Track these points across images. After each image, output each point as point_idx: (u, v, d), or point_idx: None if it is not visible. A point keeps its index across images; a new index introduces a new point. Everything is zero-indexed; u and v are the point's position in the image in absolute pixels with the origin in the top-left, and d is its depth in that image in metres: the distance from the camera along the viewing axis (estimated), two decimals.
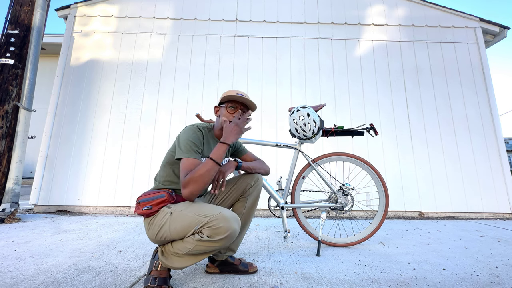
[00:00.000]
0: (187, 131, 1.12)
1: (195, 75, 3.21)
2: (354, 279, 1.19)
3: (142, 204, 1.07)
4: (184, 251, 0.97)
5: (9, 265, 1.27)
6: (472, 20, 3.44)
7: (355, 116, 3.14)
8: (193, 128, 1.14)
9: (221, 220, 0.93)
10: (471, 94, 3.22)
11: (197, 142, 1.09)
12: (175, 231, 0.98)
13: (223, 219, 0.93)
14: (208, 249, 0.96)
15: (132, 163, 2.94)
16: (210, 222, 0.93)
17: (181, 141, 1.08)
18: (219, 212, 0.95)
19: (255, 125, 3.08)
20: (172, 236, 0.99)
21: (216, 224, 0.92)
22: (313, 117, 1.61)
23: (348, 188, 1.68)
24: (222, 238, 0.93)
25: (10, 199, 2.39)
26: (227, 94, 1.21)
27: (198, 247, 0.95)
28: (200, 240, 0.93)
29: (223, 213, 0.95)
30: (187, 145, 1.06)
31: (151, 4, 3.38)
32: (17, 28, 2.57)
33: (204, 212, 0.96)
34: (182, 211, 1.01)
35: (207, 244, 0.94)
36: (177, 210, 1.02)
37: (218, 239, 0.92)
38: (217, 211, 0.96)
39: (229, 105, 1.19)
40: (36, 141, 5.84)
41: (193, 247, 0.95)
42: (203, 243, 0.94)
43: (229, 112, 1.18)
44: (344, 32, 3.39)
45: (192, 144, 1.07)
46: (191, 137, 1.09)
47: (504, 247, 1.72)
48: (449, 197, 2.93)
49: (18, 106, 2.52)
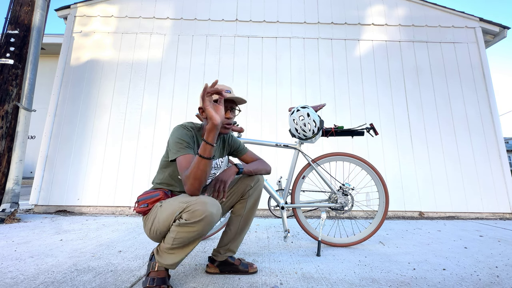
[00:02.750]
0: (174, 131, 1.13)
1: (195, 75, 3.21)
2: (354, 279, 1.19)
3: (140, 202, 1.10)
4: (170, 242, 0.98)
5: (9, 265, 1.27)
6: (472, 20, 3.44)
7: (355, 116, 3.14)
8: (179, 128, 1.14)
9: (198, 204, 0.94)
10: (471, 94, 3.22)
11: (186, 138, 1.09)
12: (162, 221, 1.00)
13: (200, 203, 0.94)
14: (189, 235, 0.95)
15: (132, 163, 2.94)
16: (188, 207, 0.94)
17: (170, 143, 1.09)
18: (197, 197, 0.97)
19: (255, 125, 3.08)
20: (161, 227, 1.01)
21: (193, 207, 0.93)
22: (313, 117, 1.61)
23: (348, 188, 1.68)
24: (199, 220, 0.92)
25: (10, 199, 2.39)
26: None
27: (180, 234, 0.96)
28: (179, 225, 0.95)
29: (201, 198, 0.96)
30: (177, 144, 1.07)
31: (151, 4, 3.38)
32: (17, 28, 2.57)
33: (186, 199, 0.98)
34: (169, 201, 1.04)
35: (186, 229, 0.94)
36: (166, 202, 1.05)
37: (194, 221, 0.92)
38: (196, 197, 0.98)
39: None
40: (36, 141, 5.84)
41: (175, 235, 0.96)
42: (182, 228, 0.95)
43: None
44: (344, 32, 3.39)
45: (181, 141, 1.07)
46: (179, 135, 1.09)
47: (504, 247, 1.72)
48: (449, 197, 2.93)
49: (18, 106, 2.52)
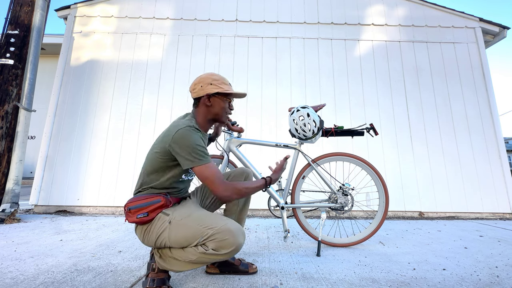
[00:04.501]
0: (190, 134, 1.00)
1: (195, 75, 3.21)
2: (354, 279, 1.18)
3: (134, 211, 0.98)
4: (184, 259, 0.95)
5: (9, 266, 1.27)
6: (472, 20, 3.44)
7: (355, 116, 3.14)
8: (193, 130, 1.02)
9: (227, 233, 0.90)
10: (471, 94, 3.22)
11: (202, 143, 1.04)
12: (175, 241, 0.95)
13: (229, 232, 0.90)
14: (211, 261, 0.94)
15: (132, 163, 2.94)
16: (215, 235, 0.90)
17: (189, 147, 0.97)
18: (224, 224, 0.93)
19: (255, 125, 3.08)
20: (171, 244, 0.97)
21: (221, 237, 0.90)
22: (313, 117, 1.61)
23: (348, 188, 1.68)
24: (228, 252, 0.91)
25: (10, 199, 2.39)
26: (223, 84, 1.13)
27: (201, 259, 0.93)
28: (205, 253, 0.91)
29: (229, 226, 0.92)
30: (200, 151, 0.99)
31: (151, 4, 3.38)
32: (17, 28, 2.57)
33: (208, 223, 0.93)
34: (182, 219, 0.97)
35: (212, 257, 0.92)
36: (177, 219, 0.97)
37: (224, 253, 0.91)
38: (221, 222, 0.94)
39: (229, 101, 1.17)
40: (36, 141, 5.85)
41: (196, 259, 0.93)
42: (207, 255, 0.92)
43: (230, 108, 1.20)
44: (344, 32, 3.39)
45: (203, 149, 1.02)
46: (197, 141, 1.00)
47: (504, 247, 1.72)
48: (449, 197, 2.93)
49: (18, 106, 2.52)
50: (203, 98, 1.12)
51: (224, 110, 1.16)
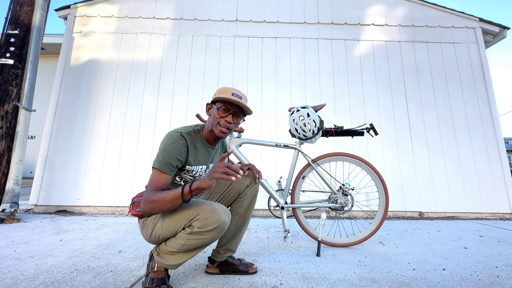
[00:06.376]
0: (168, 138, 1.03)
1: (195, 75, 3.21)
2: (354, 279, 1.19)
3: (136, 205, 1.07)
4: (177, 247, 0.98)
5: (9, 265, 1.27)
6: (471, 20, 3.44)
7: (355, 116, 3.14)
8: (175, 136, 1.04)
9: (210, 212, 0.94)
10: (471, 94, 3.22)
11: (175, 154, 1.01)
12: (167, 228, 0.99)
13: (213, 211, 0.95)
14: (200, 242, 0.97)
15: (132, 163, 2.94)
16: (200, 214, 0.94)
17: (160, 148, 1.03)
18: (209, 204, 0.97)
19: (255, 125, 3.08)
20: (164, 233, 1.00)
21: (205, 216, 0.94)
22: (313, 117, 1.61)
23: (348, 188, 1.68)
24: (212, 228, 0.94)
25: (10, 199, 2.39)
26: (222, 92, 1.08)
27: (190, 241, 0.96)
28: (191, 232, 0.95)
29: (212, 206, 0.97)
30: (164, 156, 1.00)
31: (151, 4, 3.38)
32: (17, 28, 2.57)
33: (194, 206, 0.98)
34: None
35: (198, 236, 0.95)
36: None
37: (208, 229, 0.94)
38: (207, 203, 0.98)
39: (222, 107, 1.08)
40: (36, 141, 5.84)
41: (185, 242, 0.96)
42: (194, 235, 0.95)
43: (220, 115, 1.08)
44: (344, 32, 3.39)
45: (169, 156, 1.00)
46: (169, 147, 1.01)
47: (504, 247, 1.72)
48: (449, 197, 2.93)
49: (18, 106, 2.52)
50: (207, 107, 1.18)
51: (214, 118, 1.09)
